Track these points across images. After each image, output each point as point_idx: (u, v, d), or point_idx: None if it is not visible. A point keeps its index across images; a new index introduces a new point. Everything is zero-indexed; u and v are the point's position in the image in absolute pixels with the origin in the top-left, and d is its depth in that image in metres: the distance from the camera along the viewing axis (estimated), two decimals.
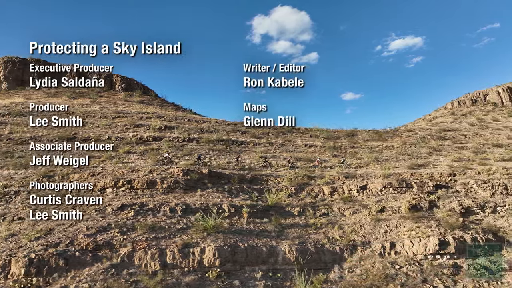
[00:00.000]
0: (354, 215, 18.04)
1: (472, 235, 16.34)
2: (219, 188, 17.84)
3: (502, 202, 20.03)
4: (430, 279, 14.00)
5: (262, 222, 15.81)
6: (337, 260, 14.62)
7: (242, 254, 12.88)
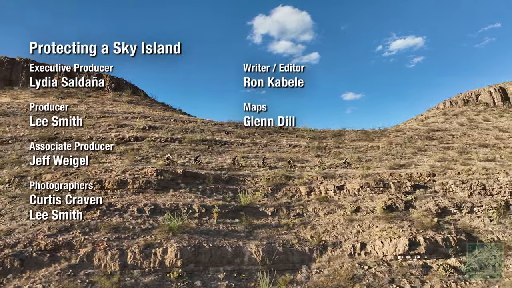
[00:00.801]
0: (329, 215, 18.01)
1: (444, 236, 16.32)
2: (192, 188, 17.80)
3: (479, 202, 20.01)
4: (397, 280, 13.97)
5: (232, 222, 15.76)
6: (305, 261, 14.58)
7: (206, 255, 12.84)
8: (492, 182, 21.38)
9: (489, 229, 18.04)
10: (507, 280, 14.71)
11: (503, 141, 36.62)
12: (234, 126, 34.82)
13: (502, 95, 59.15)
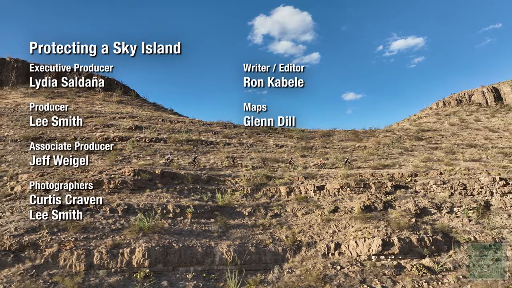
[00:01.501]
0: (307, 215, 18.01)
1: (419, 236, 16.32)
2: (170, 189, 17.79)
3: (459, 203, 20.03)
4: (369, 280, 13.98)
5: (207, 222, 15.75)
6: (278, 261, 14.59)
7: (175, 255, 12.83)
8: (473, 182, 21.40)
9: (467, 229, 18.06)
10: (480, 280, 14.72)
11: (491, 141, 36.66)
12: (222, 126, 34.83)
13: (495, 95, 59.21)
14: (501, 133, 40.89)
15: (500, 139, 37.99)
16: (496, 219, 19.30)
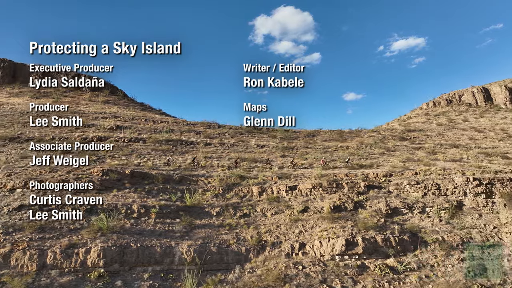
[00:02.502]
0: (276, 215, 18.02)
1: (385, 236, 16.35)
2: (138, 189, 17.79)
3: (432, 203, 20.06)
4: (329, 280, 14.00)
5: (172, 222, 15.76)
6: (241, 261, 14.59)
7: (132, 255, 12.83)
8: (447, 183, 21.44)
9: (436, 229, 18.09)
10: (442, 279, 14.77)
11: (476, 142, 36.75)
12: (206, 126, 34.83)
13: (485, 95, 59.31)
14: (486, 133, 40.97)
15: (485, 139, 38.08)
16: (467, 219, 19.35)
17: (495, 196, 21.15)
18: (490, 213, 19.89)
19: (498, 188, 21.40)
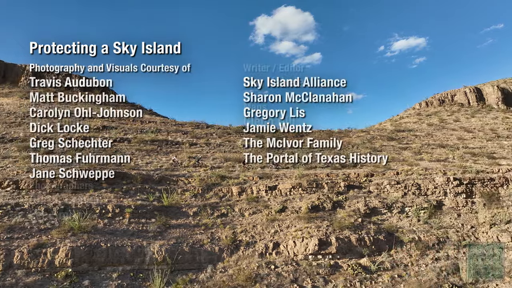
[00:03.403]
0: (254, 215, 18.08)
1: (359, 235, 16.41)
2: (115, 189, 17.84)
3: (411, 203, 20.14)
4: (301, 279, 14.06)
5: (147, 222, 15.80)
6: (214, 260, 14.65)
7: (102, 254, 12.88)
8: (427, 183, 21.53)
9: (414, 229, 18.17)
10: (414, 279, 14.83)
11: (464, 142, 36.85)
12: (194, 126, 34.90)
13: (477, 95, 59.48)
14: (475, 133, 41.09)
15: (473, 140, 38.18)
16: (445, 219, 19.44)
17: (476, 196, 21.27)
18: (469, 213, 19.98)
19: (479, 188, 21.52)
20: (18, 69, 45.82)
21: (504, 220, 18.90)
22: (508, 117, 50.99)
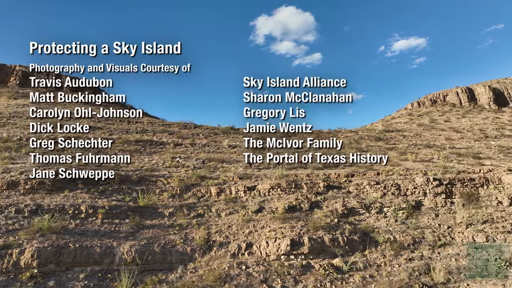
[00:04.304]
0: (230, 215, 18.11)
1: (333, 236, 16.45)
2: (91, 189, 17.86)
3: (390, 203, 20.20)
4: (271, 280, 14.08)
5: (120, 223, 15.82)
6: (185, 261, 14.67)
7: (70, 255, 12.90)
8: (407, 183, 21.59)
9: (390, 229, 18.22)
10: (386, 279, 14.88)
11: (451, 142, 36.93)
12: (182, 127, 34.93)
13: (469, 95, 59.60)
14: (464, 133, 41.19)
15: (461, 140, 38.28)
16: (423, 219, 19.50)
17: (455, 196, 21.36)
18: (447, 213, 20.05)
19: (459, 188, 21.60)
20: (8, 69, 45.75)
21: (480, 220, 18.99)
22: (499, 117, 51.14)
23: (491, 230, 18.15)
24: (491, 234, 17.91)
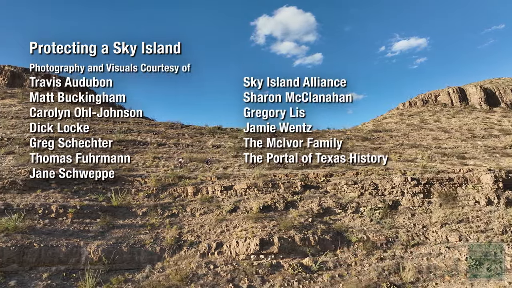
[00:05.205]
0: (204, 215, 18.13)
1: (305, 235, 16.46)
2: (65, 189, 17.86)
3: (366, 202, 20.22)
4: (238, 279, 14.09)
5: (91, 222, 15.82)
6: (154, 260, 14.68)
7: (34, 255, 12.90)
8: (385, 183, 21.62)
9: (364, 228, 18.25)
10: (355, 278, 14.89)
11: (438, 142, 37.01)
12: (169, 127, 34.94)
13: (460, 95, 59.70)
14: (452, 133, 41.27)
15: (449, 140, 38.36)
16: (399, 218, 19.54)
17: (434, 196, 21.39)
18: (424, 212, 20.09)
19: (437, 188, 21.64)
20: None
21: (456, 220, 19.04)
22: (489, 117, 51.25)
23: (465, 230, 18.20)
24: (465, 233, 17.96)
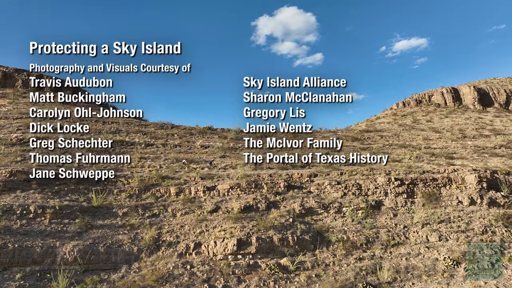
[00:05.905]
0: (185, 215, 18.17)
1: (283, 235, 16.51)
2: (45, 189, 17.89)
3: (349, 203, 20.26)
4: (213, 279, 14.14)
5: (69, 223, 15.85)
6: (131, 261, 14.72)
7: (7, 255, 12.94)
8: (368, 183, 21.68)
9: (345, 228, 18.30)
10: (332, 278, 14.94)
11: (428, 142, 37.07)
12: (158, 127, 34.95)
13: (454, 96, 59.79)
14: (443, 133, 41.33)
15: (439, 140, 38.42)
16: (381, 219, 19.59)
17: (417, 196, 21.45)
18: (406, 213, 20.14)
19: (420, 188, 21.69)
20: None
21: (437, 220, 19.10)
22: (481, 118, 51.34)
23: (445, 230, 18.27)
24: (445, 233, 18.03)
